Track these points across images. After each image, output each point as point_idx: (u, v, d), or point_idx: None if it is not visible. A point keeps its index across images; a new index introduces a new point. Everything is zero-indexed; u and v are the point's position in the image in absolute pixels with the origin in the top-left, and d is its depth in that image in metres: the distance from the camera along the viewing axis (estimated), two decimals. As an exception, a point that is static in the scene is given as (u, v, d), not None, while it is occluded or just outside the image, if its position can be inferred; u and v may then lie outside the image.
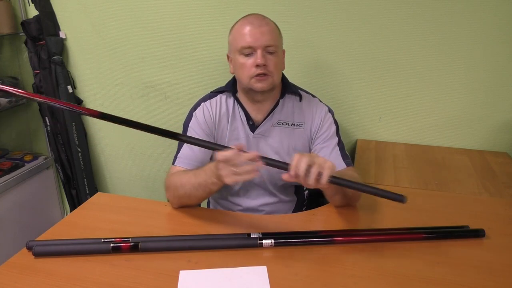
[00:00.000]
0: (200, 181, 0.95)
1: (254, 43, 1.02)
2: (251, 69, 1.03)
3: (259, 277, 0.78)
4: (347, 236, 0.90)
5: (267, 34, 1.03)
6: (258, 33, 1.02)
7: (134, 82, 1.79)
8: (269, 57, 1.04)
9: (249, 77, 1.04)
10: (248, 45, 1.02)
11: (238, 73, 1.09)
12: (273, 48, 1.04)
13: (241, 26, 1.05)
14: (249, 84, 1.06)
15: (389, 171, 1.31)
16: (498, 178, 1.28)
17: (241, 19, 1.08)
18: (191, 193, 0.98)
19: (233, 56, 1.08)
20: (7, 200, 1.83)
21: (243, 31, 1.04)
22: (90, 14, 1.72)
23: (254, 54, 1.03)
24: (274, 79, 1.06)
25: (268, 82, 1.05)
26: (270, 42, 1.03)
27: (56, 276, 0.78)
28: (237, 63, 1.06)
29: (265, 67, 1.03)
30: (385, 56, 1.47)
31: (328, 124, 1.14)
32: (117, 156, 2.00)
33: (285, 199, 1.20)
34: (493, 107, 1.46)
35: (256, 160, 0.82)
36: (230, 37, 1.10)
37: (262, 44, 1.02)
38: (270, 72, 1.04)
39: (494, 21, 1.34)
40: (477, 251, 0.88)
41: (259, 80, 1.04)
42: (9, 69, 1.97)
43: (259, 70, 1.03)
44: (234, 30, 1.08)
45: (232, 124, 1.14)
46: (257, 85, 1.05)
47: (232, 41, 1.09)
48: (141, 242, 0.85)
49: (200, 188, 0.95)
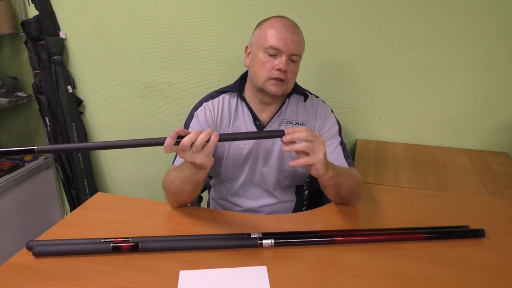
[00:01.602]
0: (185, 174, 0.93)
1: (283, 47, 1.01)
2: (271, 70, 1.03)
3: (259, 277, 0.78)
4: (347, 236, 0.90)
5: (296, 42, 1.03)
6: (290, 39, 1.01)
7: (134, 82, 1.79)
8: (290, 64, 1.04)
9: (266, 77, 1.04)
10: (277, 47, 1.01)
11: (254, 69, 1.07)
12: (296, 58, 1.04)
13: (274, 26, 1.04)
14: (263, 85, 1.05)
15: (389, 171, 1.31)
16: (498, 178, 1.28)
17: (275, 18, 1.06)
18: (181, 188, 0.96)
19: (255, 51, 1.07)
20: (7, 200, 1.83)
21: (275, 31, 1.02)
22: (90, 14, 1.73)
23: (279, 57, 1.02)
24: (288, 86, 1.06)
25: (283, 89, 1.05)
26: (297, 51, 1.03)
27: (56, 276, 0.78)
28: (257, 59, 1.05)
29: (285, 74, 1.03)
30: (385, 56, 1.47)
31: (331, 123, 1.14)
32: (117, 156, 2.00)
33: (285, 200, 1.20)
34: (493, 107, 1.46)
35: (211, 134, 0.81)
36: (258, 31, 1.08)
37: (290, 51, 1.02)
38: (287, 79, 1.04)
39: (494, 21, 1.34)
40: (477, 251, 0.88)
41: (275, 84, 1.04)
42: (9, 69, 1.97)
43: (278, 74, 1.02)
44: (265, 25, 1.06)
45: (234, 124, 1.13)
46: (272, 88, 1.04)
47: (259, 36, 1.06)
48: (141, 242, 0.85)
49: (187, 181, 0.94)
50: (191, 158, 0.82)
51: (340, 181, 0.95)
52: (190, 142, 0.79)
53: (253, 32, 1.10)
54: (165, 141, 0.79)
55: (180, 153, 0.82)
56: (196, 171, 0.89)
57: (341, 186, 0.97)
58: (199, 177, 0.92)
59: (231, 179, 1.18)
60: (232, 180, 1.18)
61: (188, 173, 0.92)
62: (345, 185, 0.97)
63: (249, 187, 1.18)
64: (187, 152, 0.81)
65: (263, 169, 1.15)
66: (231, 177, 1.18)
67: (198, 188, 0.97)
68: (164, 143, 0.79)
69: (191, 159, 0.82)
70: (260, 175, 1.16)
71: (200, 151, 0.81)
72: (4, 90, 1.89)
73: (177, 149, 0.81)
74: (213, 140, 0.80)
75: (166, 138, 0.79)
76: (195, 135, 0.79)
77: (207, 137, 0.80)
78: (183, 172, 0.94)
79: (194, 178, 0.92)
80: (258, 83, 1.06)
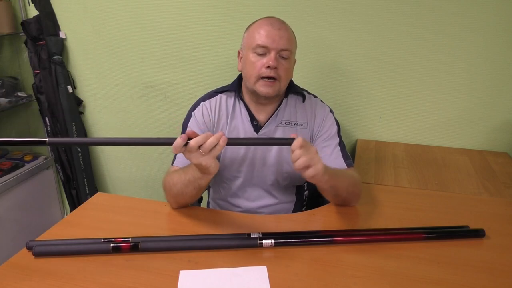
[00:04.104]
0: (189, 178, 0.93)
1: (270, 44, 1.01)
2: (260, 69, 1.02)
3: (259, 277, 0.78)
4: (347, 236, 0.90)
5: (284, 38, 1.02)
6: (277, 35, 1.01)
7: (134, 82, 1.79)
8: (281, 61, 1.03)
9: (256, 76, 1.03)
10: (264, 45, 1.01)
11: (246, 71, 1.07)
12: (287, 53, 1.03)
13: (260, 25, 1.04)
14: (254, 86, 1.05)
15: (389, 171, 1.31)
16: (498, 178, 1.28)
17: (261, 19, 1.07)
18: (183, 191, 0.96)
19: (245, 53, 1.07)
20: (7, 200, 1.83)
21: (261, 30, 1.02)
22: (90, 14, 1.73)
23: (267, 55, 1.02)
24: (281, 85, 1.05)
25: (275, 89, 1.04)
26: (286, 46, 1.02)
27: (56, 276, 0.78)
28: (248, 61, 1.05)
29: (275, 70, 1.02)
30: (385, 56, 1.47)
31: (330, 124, 1.14)
32: (117, 156, 2.00)
33: (284, 200, 1.20)
34: (493, 107, 1.46)
35: (221, 137, 0.81)
36: (246, 34, 1.08)
37: (278, 47, 1.01)
38: (279, 77, 1.03)
39: (494, 21, 1.34)
40: (477, 251, 0.88)
41: (266, 85, 1.03)
42: (9, 69, 1.97)
43: (268, 72, 1.02)
44: (252, 27, 1.07)
45: (232, 123, 1.13)
46: (263, 90, 1.03)
47: (247, 38, 1.07)
48: (141, 242, 0.85)
49: (190, 185, 0.94)
50: (196, 160, 0.82)
51: (336, 183, 0.95)
52: (197, 145, 0.79)
53: (243, 36, 1.10)
54: (175, 141, 0.79)
55: (187, 154, 0.82)
56: (201, 175, 0.89)
57: (338, 188, 0.97)
58: (202, 182, 0.92)
59: (230, 179, 1.18)
60: (230, 180, 1.18)
61: (192, 177, 0.92)
62: (342, 187, 0.97)
63: (248, 188, 1.18)
64: (194, 153, 0.81)
65: (261, 170, 1.15)
66: (229, 177, 1.17)
67: (200, 192, 0.98)
68: (174, 143, 0.79)
69: (197, 161, 0.83)
70: (258, 175, 1.16)
71: (206, 154, 0.81)
72: (4, 90, 1.89)
73: (184, 150, 0.81)
74: (221, 144, 0.80)
75: (176, 138, 0.79)
76: (204, 138, 0.80)
77: (216, 141, 0.80)
78: (187, 175, 0.94)
79: (197, 183, 0.92)
80: (250, 85, 1.06)
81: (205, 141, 0.79)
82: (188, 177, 0.93)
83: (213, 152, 0.81)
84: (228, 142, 0.81)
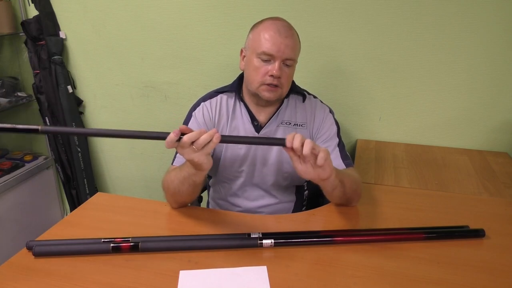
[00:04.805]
0: (184, 174, 0.93)
1: (276, 53, 1.00)
2: (264, 76, 1.02)
3: (259, 277, 0.78)
4: (347, 236, 0.90)
5: (290, 47, 1.01)
6: (283, 44, 1.00)
7: (134, 82, 1.79)
8: (284, 69, 1.03)
9: (259, 82, 1.03)
10: (270, 53, 1.00)
11: (248, 74, 1.07)
12: (291, 62, 1.04)
13: (267, 29, 1.02)
14: (257, 90, 1.05)
15: (389, 171, 1.31)
16: (498, 178, 1.28)
17: (268, 21, 1.05)
18: (179, 189, 0.96)
19: (249, 55, 1.06)
20: (7, 200, 1.83)
21: (267, 36, 1.01)
22: (90, 14, 1.73)
23: (272, 63, 1.02)
24: (283, 91, 1.06)
25: (277, 94, 1.05)
26: (290, 56, 1.02)
27: (56, 276, 0.78)
28: (251, 64, 1.04)
29: (278, 79, 1.02)
30: (385, 56, 1.47)
31: (329, 124, 1.14)
32: (117, 156, 2.00)
33: (284, 200, 1.20)
34: (493, 107, 1.46)
35: (215, 134, 0.80)
36: (252, 35, 1.07)
37: (283, 56, 1.01)
38: (281, 84, 1.04)
39: (494, 21, 1.34)
40: (477, 251, 0.88)
41: (268, 90, 1.03)
42: (9, 69, 1.97)
43: (271, 80, 1.02)
44: (258, 30, 1.05)
45: (232, 124, 1.13)
46: (265, 94, 1.04)
47: (252, 40, 1.06)
48: (141, 242, 0.85)
49: (186, 182, 0.94)
50: (189, 156, 0.82)
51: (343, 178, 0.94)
52: (190, 140, 0.79)
53: (247, 35, 1.10)
54: (168, 136, 0.79)
55: (180, 150, 0.81)
56: (195, 172, 0.89)
57: (345, 184, 0.96)
58: (197, 179, 0.92)
59: (230, 179, 1.18)
60: (230, 180, 1.18)
61: (187, 173, 0.91)
62: (348, 183, 0.97)
63: (248, 188, 1.18)
64: (186, 149, 0.81)
65: (262, 170, 1.15)
66: (229, 177, 1.17)
67: (196, 190, 0.97)
68: (167, 138, 0.79)
69: (189, 157, 0.82)
70: (259, 175, 1.16)
71: (199, 150, 0.81)
72: (4, 90, 1.89)
73: (177, 145, 0.81)
74: (214, 141, 0.80)
75: (169, 133, 0.79)
76: (197, 134, 0.79)
77: (210, 138, 0.80)
78: (182, 172, 0.94)
79: (192, 179, 0.92)
80: (252, 88, 1.06)
81: (198, 137, 0.79)
82: (183, 174, 0.93)
83: (206, 148, 0.81)
84: (221, 139, 0.81)
